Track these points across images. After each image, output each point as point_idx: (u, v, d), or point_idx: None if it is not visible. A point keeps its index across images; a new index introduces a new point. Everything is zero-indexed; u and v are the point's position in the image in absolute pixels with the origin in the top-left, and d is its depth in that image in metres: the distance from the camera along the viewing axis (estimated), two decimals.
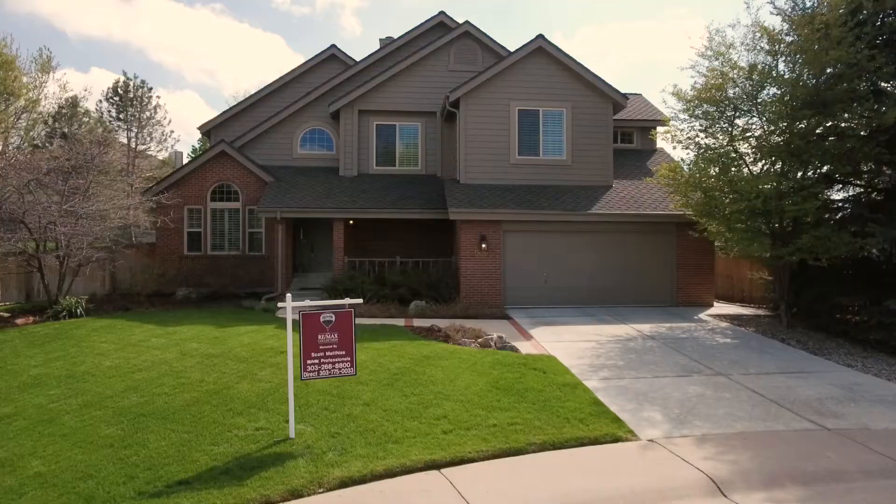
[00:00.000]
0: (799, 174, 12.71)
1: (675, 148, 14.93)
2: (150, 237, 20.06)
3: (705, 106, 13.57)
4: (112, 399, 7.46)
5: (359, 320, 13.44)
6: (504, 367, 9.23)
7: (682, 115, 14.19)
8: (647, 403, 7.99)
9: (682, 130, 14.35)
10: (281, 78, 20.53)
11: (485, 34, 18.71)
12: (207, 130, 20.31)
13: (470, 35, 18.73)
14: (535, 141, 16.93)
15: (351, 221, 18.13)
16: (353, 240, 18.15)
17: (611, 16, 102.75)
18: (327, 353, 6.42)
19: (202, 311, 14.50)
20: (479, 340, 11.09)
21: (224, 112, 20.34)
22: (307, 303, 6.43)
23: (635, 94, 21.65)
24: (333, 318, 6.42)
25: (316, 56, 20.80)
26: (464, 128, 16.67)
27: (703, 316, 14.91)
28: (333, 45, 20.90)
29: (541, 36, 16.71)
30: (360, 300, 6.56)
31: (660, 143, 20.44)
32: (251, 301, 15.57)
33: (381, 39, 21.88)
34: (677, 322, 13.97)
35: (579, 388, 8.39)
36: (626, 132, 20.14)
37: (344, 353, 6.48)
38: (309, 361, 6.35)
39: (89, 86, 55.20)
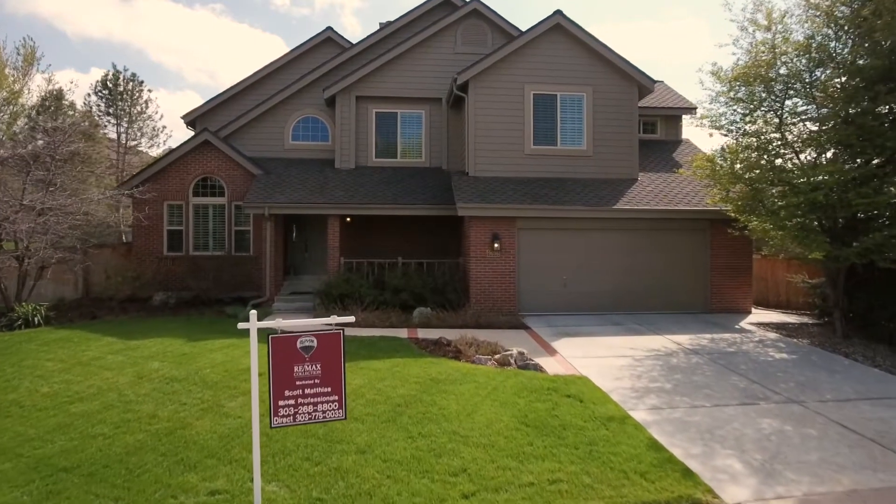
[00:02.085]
0: (861, 161, 11.02)
1: (711, 135, 13.74)
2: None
3: (751, 86, 11.86)
4: (33, 443, 5.77)
5: (355, 331, 11.80)
6: (531, 393, 7.55)
7: (721, 98, 12.50)
8: (716, 445, 6.30)
9: (722, 114, 12.66)
10: (273, 63, 18.83)
11: (495, 13, 17.01)
12: (192, 120, 18.60)
13: (478, 13, 17.04)
14: (552, 129, 15.23)
15: (348, 219, 16.46)
16: (351, 239, 16.47)
17: (611, 15, 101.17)
18: (307, 391, 4.73)
19: (177, 319, 12.82)
20: (497, 357, 9.40)
21: (211, 100, 18.62)
22: (279, 322, 4.74)
23: (657, 80, 19.91)
24: (315, 343, 4.73)
25: (310, 39, 19.11)
26: (473, 114, 14.97)
27: (744, 324, 13.21)
28: (329, 28, 19.21)
29: (559, 12, 15.02)
30: (352, 318, 4.90)
31: (686, 134, 18.77)
32: (235, 307, 13.88)
33: (381, 23, 20.18)
34: (718, 332, 12.28)
35: (628, 424, 6.69)
36: (649, 121, 18.44)
37: (329, 389, 4.79)
38: (281, 403, 4.66)
39: (77, 79, 53.66)
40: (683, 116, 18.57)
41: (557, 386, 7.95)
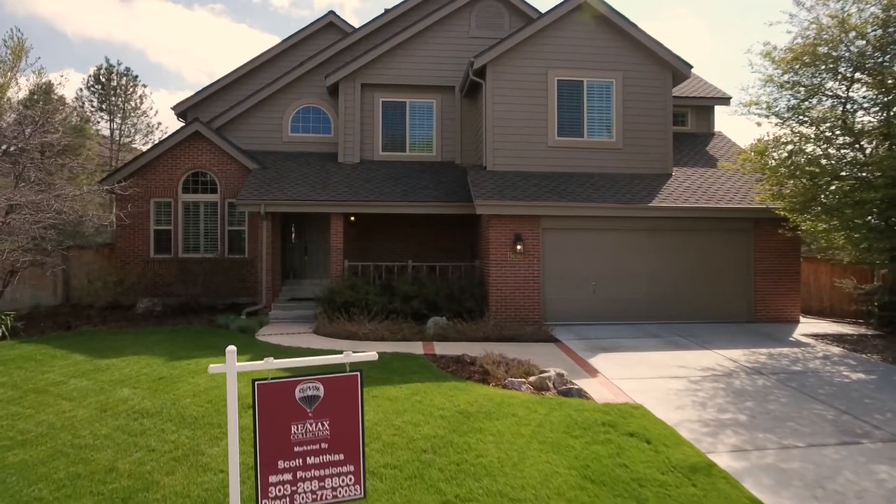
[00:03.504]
0: None
1: (759, 125, 12.07)
2: None
3: (813, 66, 10.45)
4: None
5: (363, 346, 10.32)
6: (584, 431, 6.12)
7: (776, 81, 11.08)
8: None
9: (776, 100, 11.25)
10: (270, 50, 17.41)
11: None
12: (184, 111, 17.15)
13: None
14: (578, 118, 13.80)
15: (352, 218, 15.03)
16: (354, 240, 15.05)
17: None
18: (309, 461, 3.31)
19: (161, 330, 11.38)
20: (532, 380, 7.97)
21: (204, 89, 17.18)
22: (269, 363, 3.29)
23: None
24: (322, 392, 3.31)
25: (311, 24, 17.69)
26: (491, 102, 13.54)
27: (798, 336, 11.79)
28: (332, 12, 17.80)
29: None
30: (374, 355, 3.48)
31: (717, 126, 17.34)
32: (227, 316, 12.43)
33: (386, 8, 18.74)
34: (772, 346, 10.85)
35: (716, 476, 5.27)
36: (679, 112, 16.97)
37: (342, 457, 3.37)
38: (273, 479, 3.24)
39: (69, 74, 52.04)
40: (716, 107, 17.14)
41: (613, 420, 6.52)
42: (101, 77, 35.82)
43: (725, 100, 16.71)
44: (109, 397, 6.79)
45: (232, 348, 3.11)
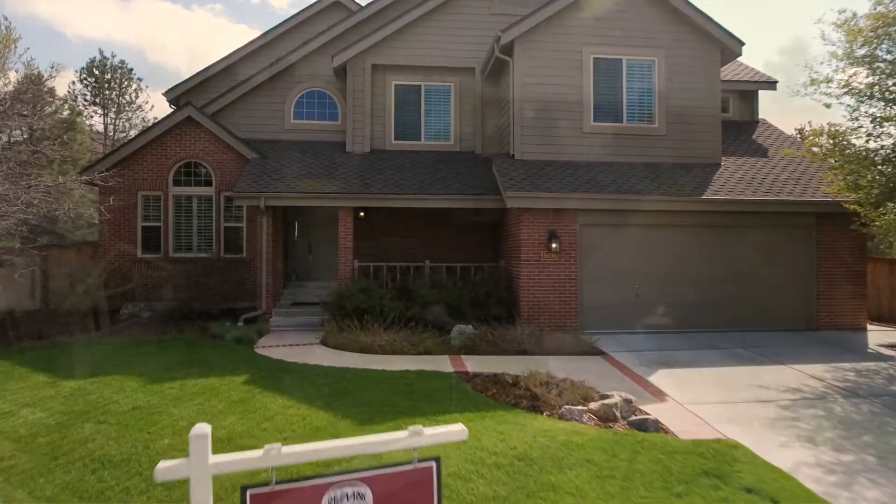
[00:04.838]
0: None
1: (829, 107, 10.27)
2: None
3: None
4: None
5: (382, 360, 8.36)
6: (686, 485, 4.64)
7: (857, 54, 9.60)
8: None
9: (851, 76, 9.76)
10: (271, 31, 15.92)
11: None
12: (177, 97, 15.65)
13: None
14: (617, 101, 12.31)
15: (361, 213, 13.52)
16: (362, 238, 13.54)
17: None
18: None
19: (146, 341, 9.88)
20: (593, 407, 6.48)
21: (198, 73, 15.68)
22: (271, 455, 1.78)
23: None
24: (369, 502, 1.81)
25: (316, 3, 16.17)
26: (520, 83, 12.05)
27: (876, 348, 10.30)
28: None
29: None
30: (463, 430, 2.04)
31: (762, 114, 15.84)
32: (221, 324, 10.93)
33: None
34: (853, 359, 9.36)
35: None
36: (721, 98, 15.40)
37: None
38: None
39: (60, 66, 50.25)
40: (760, 92, 15.65)
41: (715, 467, 5.03)
42: (94, 70, 34.35)
43: (771, 84, 15.22)
44: (65, 436, 5.30)
45: (202, 432, 1.64)
